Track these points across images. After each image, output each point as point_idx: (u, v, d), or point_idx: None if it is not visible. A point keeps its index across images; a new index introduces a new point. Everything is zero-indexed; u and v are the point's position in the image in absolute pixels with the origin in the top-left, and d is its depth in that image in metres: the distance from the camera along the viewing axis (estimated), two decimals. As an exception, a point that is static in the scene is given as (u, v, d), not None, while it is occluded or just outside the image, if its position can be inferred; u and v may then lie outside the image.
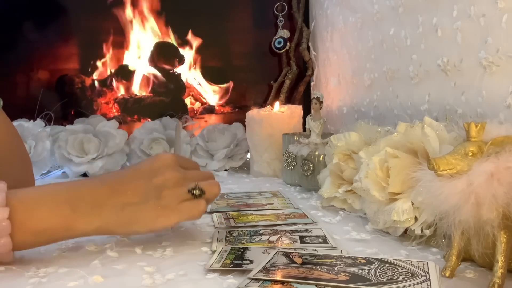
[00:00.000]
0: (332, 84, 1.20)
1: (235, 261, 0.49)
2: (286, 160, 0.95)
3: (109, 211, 0.51)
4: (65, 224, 0.50)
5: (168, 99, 1.37)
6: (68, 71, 1.35)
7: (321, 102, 0.88)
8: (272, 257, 0.48)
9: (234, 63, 1.41)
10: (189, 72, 1.39)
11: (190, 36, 1.37)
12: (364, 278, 0.42)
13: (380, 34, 0.91)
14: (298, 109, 1.08)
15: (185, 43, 1.38)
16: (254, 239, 0.58)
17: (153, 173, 0.54)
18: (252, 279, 0.43)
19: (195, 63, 1.39)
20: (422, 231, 0.54)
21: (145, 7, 1.36)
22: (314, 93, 0.93)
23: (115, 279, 0.46)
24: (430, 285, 0.41)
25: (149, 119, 1.31)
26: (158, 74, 1.37)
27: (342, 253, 0.51)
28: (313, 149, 0.88)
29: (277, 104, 1.09)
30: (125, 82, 1.37)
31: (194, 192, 0.55)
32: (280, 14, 1.34)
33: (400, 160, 0.57)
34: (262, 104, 1.31)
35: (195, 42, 1.38)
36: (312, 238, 0.58)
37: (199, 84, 1.39)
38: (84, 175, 1.12)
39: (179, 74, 1.38)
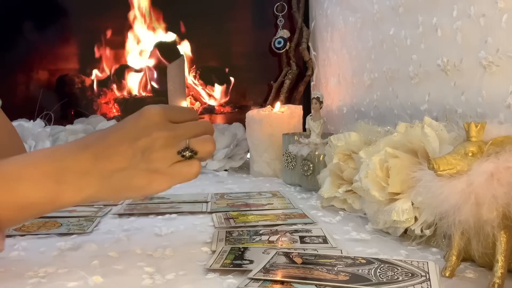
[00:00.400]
0: (332, 84, 1.21)
1: (235, 261, 0.49)
2: (286, 160, 0.95)
3: (97, 180, 0.47)
4: (51, 196, 0.47)
5: (168, 99, 1.37)
6: (68, 71, 1.35)
7: (321, 102, 0.88)
8: (272, 257, 0.48)
9: (234, 63, 1.41)
10: (189, 72, 1.39)
11: (190, 36, 1.37)
12: (364, 278, 0.42)
13: (380, 34, 0.91)
14: (298, 109, 1.08)
15: (185, 43, 1.38)
16: (254, 239, 0.58)
17: (139, 133, 0.49)
18: (252, 279, 0.43)
19: (195, 63, 1.39)
20: (422, 231, 0.54)
21: (145, 7, 1.36)
22: (314, 93, 0.93)
23: (115, 279, 0.46)
24: (430, 285, 0.41)
25: (149, 119, 1.30)
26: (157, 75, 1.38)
27: (342, 253, 0.51)
28: (313, 149, 0.88)
29: (277, 104, 1.09)
30: (125, 82, 1.37)
31: (184, 154, 0.49)
32: (280, 14, 1.35)
33: (400, 160, 0.57)
34: (262, 104, 1.31)
35: (195, 42, 1.38)
36: (312, 238, 0.58)
37: (196, 84, 1.39)
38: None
39: (179, 74, 1.38)
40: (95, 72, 1.35)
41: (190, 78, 1.39)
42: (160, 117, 0.50)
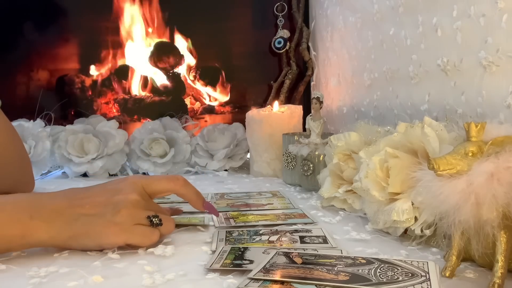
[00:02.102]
0: (332, 84, 1.21)
1: (235, 261, 0.49)
2: (286, 160, 0.95)
3: (64, 221, 0.52)
4: (22, 231, 0.50)
5: (168, 99, 1.37)
6: (68, 71, 1.35)
7: (321, 102, 0.88)
8: (272, 257, 0.48)
9: (234, 63, 1.41)
10: (189, 73, 1.39)
11: (190, 36, 1.37)
12: (364, 278, 0.42)
13: (380, 34, 0.91)
14: (298, 109, 1.08)
15: (185, 42, 1.38)
16: (254, 239, 0.58)
17: (117, 191, 0.55)
18: (252, 279, 0.43)
19: (194, 63, 1.39)
20: (422, 231, 0.54)
21: (145, 6, 1.36)
22: (314, 93, 0.93)
23: (115, 279, 0.46)
24: (430, 285, 0.41)
25: (149, 119, 1.31)
26: (157, 75, 1.38)
27: (342, 253, 0.51)
28: (313, 149, 0.88)
29: (276, 104, 1.09)
30: (125, 82, 1.37)
31: (154, 220, 0.55)
32: (280, 14, 1.35)
33: (400, 160, 0.57)
34: (262, 104, 1.31)
35: (195, 42, 1.38)
36: (312, 238, 0.58)
37: (194, 83, 1.39)
38: (84, 175, 1.12)
39: (179, 74, 1.38)
40: (95, 72, 1.35)
41: (190, 78, 1.39)
42: (138, 186, 0.57)
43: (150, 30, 1.37)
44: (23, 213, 0.51)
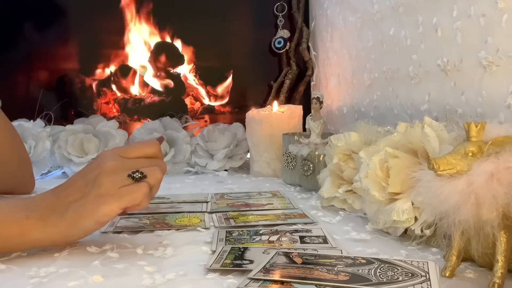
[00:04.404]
0: (332, 84, 1.21)
1: (235, 261, 0.49)
2: (286, 160, 0.95)
3: (57, 214, 0.53)
4: (19, 230, 0.51)
5: (168, 99, 1.37)
6: (68, 71, 1.35)
7: (321, 102, 0.88)
8: (272, 257, 0.48)
9: (234, 63, 1.41)
10: (189, 73, 1.39)
11: (190, 36, 1.37)
12: (364, 278, 0.42)
13: (380, 34, 0.91)
14: (298, 109, 1.08)
15: (184, 42, 1.38)
16: (254, 239, 0.58)
17: (92, 168, 0.55)
18: (252, 279, 0.43)
19: (195, 63, 1.39)
20: (422, 231, 0.54)
21: (145, 6, 1.36)
22: (314, 93, 0.93)
23: (115, 279, 0.46)
24: (430, 285, 0.41)
25: (149, 119, 1.31)
26: (157, 80, 1.38)
27: (342, 253, 0.51)
28: (313, 149, 0.88)
29: (275, 103, 1.09)
30: (125, 82, 1.37)
31: (135, 175, 0.54)
32: (280, 14, 1.35)
33: (400, 160, 0.57)
34: (262, 104, 1.31)
35: (195, 41, 1.38)
36: (312, 238, 0.58)
37: (197, 84, 1.39)
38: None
39: (179, 74, 1.38)
40: (95, 72, 1.35)
41: (190, 78, 1.39)
42: (111, 153, 0.56)
43: (150, 30, 1.37)
44: (19, 213, 0.52)
